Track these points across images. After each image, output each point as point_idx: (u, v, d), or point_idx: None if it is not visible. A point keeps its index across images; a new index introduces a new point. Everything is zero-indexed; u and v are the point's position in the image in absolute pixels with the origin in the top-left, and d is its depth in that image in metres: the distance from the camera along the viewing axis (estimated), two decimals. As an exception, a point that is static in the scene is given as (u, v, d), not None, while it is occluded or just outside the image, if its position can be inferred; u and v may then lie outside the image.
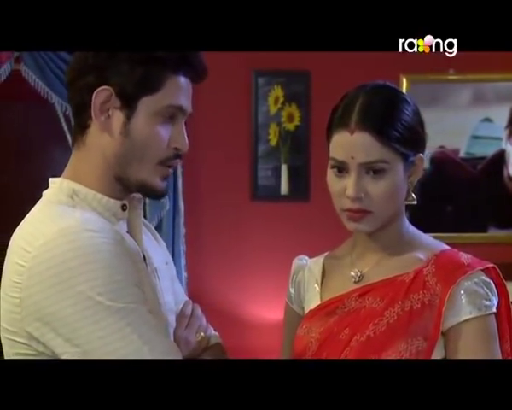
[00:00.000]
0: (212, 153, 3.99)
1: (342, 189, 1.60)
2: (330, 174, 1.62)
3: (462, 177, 4.03)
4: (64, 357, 1.45)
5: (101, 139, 1.56)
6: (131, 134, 1.54)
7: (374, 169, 1.58)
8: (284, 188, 3.97)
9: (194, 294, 3.92)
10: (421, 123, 1.65)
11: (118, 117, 1.54)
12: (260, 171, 3.97)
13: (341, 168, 1.60)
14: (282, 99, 3.97)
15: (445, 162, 4.03)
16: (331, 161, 1.62)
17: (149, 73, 1.53)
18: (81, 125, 1.57)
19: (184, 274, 3.88)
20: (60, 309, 1.43)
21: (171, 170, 1.60)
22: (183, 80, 1.57)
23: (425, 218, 3.97)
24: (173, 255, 3.84)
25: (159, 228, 3.84)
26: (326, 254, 1.78)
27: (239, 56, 3.86)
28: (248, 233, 3.93)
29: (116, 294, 1.44)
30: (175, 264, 3.95)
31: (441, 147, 4.02)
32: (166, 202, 3.83)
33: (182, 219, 3.89)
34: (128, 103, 1.53)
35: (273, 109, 3.98)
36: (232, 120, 3.98)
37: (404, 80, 3.97)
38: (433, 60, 3.72)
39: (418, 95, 3.99)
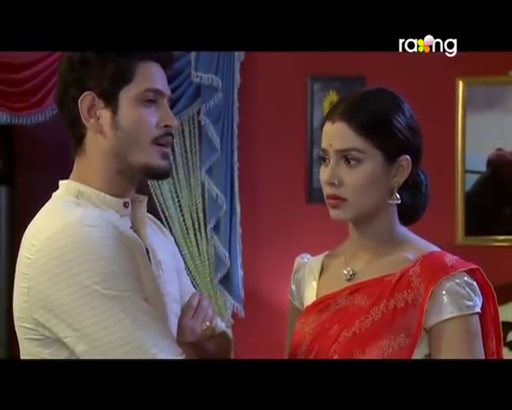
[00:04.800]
0: (269, 156, 4.07)
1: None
2: (321, 165, 1.70)
3: (520, 179, 4.00)
4: (66, 341, 1.59)
5: (98, 140, 1.70)
6: (121, 124, 1.68)
7: (349, 158, 1.64)
8: (339, 190, 4.02)
9: (250, 292, 4.03)
10: (411, 128, 1.68)
11: (105, 116, 1.68)
12: (316, 174, 3.99)
13: (325, 157, 1.68)
14: (337, 103, 4.03)
15: (502, 165, 3.99)
16: (319, 152, 1.70)
17: (120, 67, 1.66)
18: (77, 137, 1.72)
19: (241, 272, 3.98)
20: (61, 297, 1.57)
21: (167, 149, 1.72)
22: (152, 65, 1.70)
23: (482, 220, 4.00)
24: (230, 254, 3.95)
25: (216, 228, 3.97)
26: (327, 252, 1.84)
27: (296, 62, 3.95)
28: (303, 234, 3.98)
29: (111, 283, 1.57)
30: (231, 262, 4.07)
31: (499, 149, 3.99)
32: (224, 204, 3.95)
33: (238, 220, 3.98)
34: (110, 100, 1.68)
35: (328, 113, 4.04)
36: (289, 124, 4.04)
37: (461, 83, 3.93)
38: (491, 61, 3.70)
39: (475, 98, 3.96)
